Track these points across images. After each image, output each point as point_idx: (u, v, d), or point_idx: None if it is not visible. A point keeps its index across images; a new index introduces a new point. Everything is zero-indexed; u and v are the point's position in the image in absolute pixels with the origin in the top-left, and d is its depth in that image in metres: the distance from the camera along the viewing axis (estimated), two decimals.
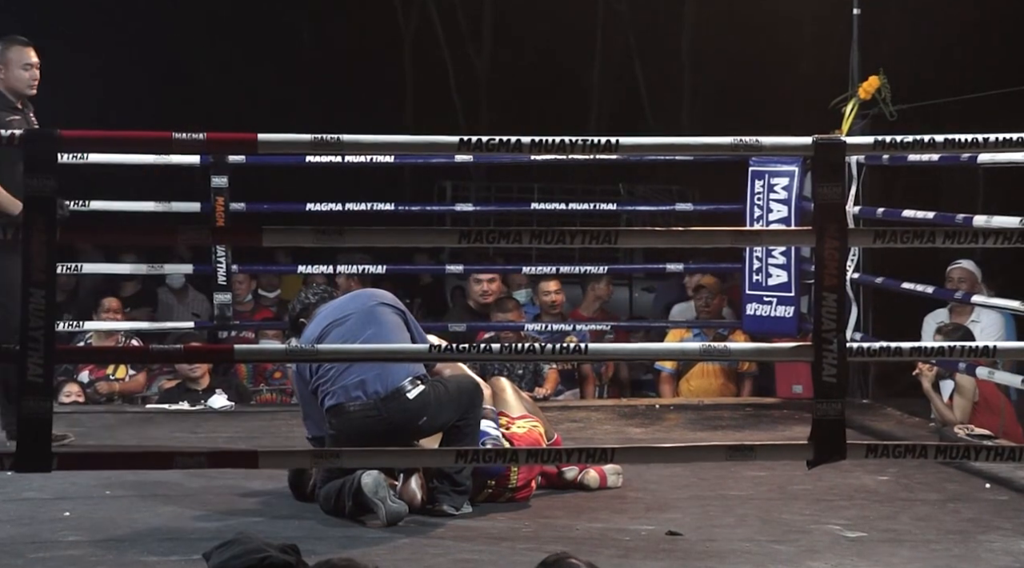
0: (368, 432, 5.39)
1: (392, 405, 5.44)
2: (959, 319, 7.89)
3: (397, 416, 5.44)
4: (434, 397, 5.49)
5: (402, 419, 5.45)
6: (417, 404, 5.45)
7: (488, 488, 5.64)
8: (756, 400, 8.65)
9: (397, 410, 5.44)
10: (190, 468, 4.90)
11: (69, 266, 8.36)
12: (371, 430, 5.40)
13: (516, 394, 6.06)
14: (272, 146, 4.91)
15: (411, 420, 5.47)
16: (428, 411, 5.47)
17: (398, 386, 5.44)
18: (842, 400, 4.63)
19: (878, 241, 4.86)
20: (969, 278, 8.09)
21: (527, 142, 4.68)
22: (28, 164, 4.42)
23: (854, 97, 8.22)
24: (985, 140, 4.79)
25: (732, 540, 5.17)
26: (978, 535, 5.25)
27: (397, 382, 5.44)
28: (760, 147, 4.80)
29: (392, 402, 5.44)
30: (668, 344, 8.61)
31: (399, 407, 5.44)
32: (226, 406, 8.12)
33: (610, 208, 10.24)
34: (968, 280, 8.06)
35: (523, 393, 6.33)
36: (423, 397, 5.47)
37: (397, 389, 5.44)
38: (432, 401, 5.48)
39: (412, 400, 5.45)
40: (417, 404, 5.45)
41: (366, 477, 5.28)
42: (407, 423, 5.47)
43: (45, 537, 5.10)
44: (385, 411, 5.43)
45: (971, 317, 7.92)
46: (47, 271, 4.38)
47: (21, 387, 4.41)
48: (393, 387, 5.44)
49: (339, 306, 5.72)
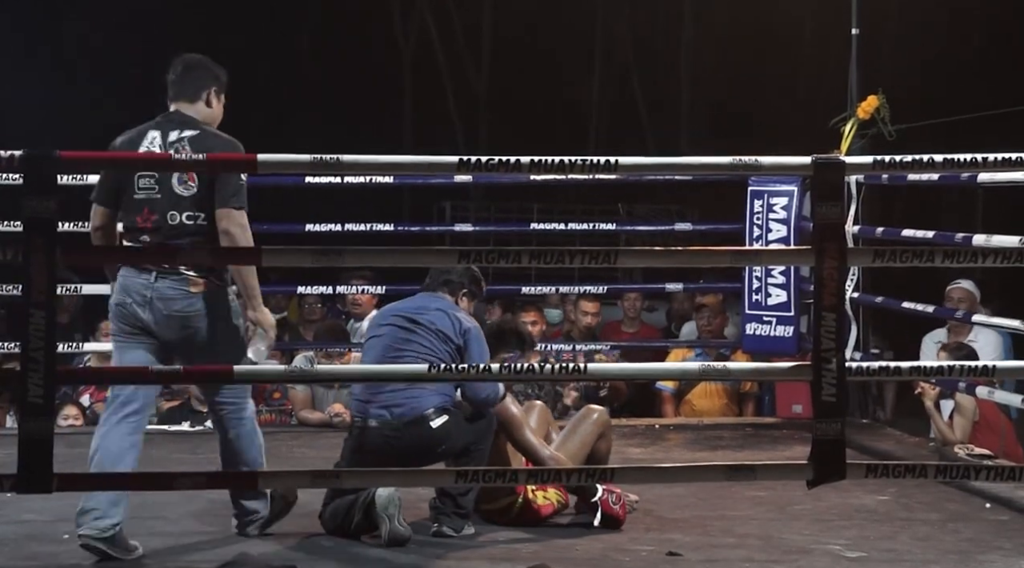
0: (385, 452, 5.46)
1: (414, 431, 5.48)
2: (957, 338, 7.89)
3: (417, 442, 5.48)
4: (455, 426, 5.53)
5: (421, 446, 5.50)
6: (440, 433, 5.50)
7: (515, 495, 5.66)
8: (756, 420, 8.65)
9: (417, 437, 5.49)
10: (190, 489, 4.90)
11: (68, 287, 8.36)
12: (389, 451, 5.47)
13: (542, 423, 5.98)
14: (271, 166, 4.92)
15: (431, 448, 5.52)
16: (448, 440, 5.52)
17: (423, 414, 5.49)
18: (842, 420, 4.63)
19: (877, 260, 4.86)
20: (968, 298, 8.11)
21: (526, 162, 4.68)
22: (28, 185, 4.42)
23: (853, 117, 8.23)
24: (984, 159, 4.79)
25: (732, 561, 5.16)
26: (978, 555, 5.25)
27: (423, 409, 5.49)
28: (759, 167, 4.80)
29: (414, 428, 5.49)
30: (668, 364, 8.60)
31: (420, 433, 5.49)
32: None
33: (609, 228, 10.25)
34: (968, 300, 8.08)
35: (554, 422, 6.21)
36: (445, 427, 5.51)
37: (422, 416, 5.49)
38: (452, 431, 5.52)
39: (435, 429, 5.49)
40: (440, 433, 5.50)
41: (382, 490, 5.31)
42: (426, 451, 5.52)
43: (44, 560, 5.09)
44: (407, 436, 5.48)
45: (969, 336, 7.93)
46: (47, 292, 4.39)
47: (22, 408, 4.41)
48: (418, 414, 5.49)
49: (383, 314, 5.83)
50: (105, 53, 18.97)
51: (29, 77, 16.42)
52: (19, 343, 4.44)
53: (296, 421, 8.42)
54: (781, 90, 19.55)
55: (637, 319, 9.96)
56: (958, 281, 8.23)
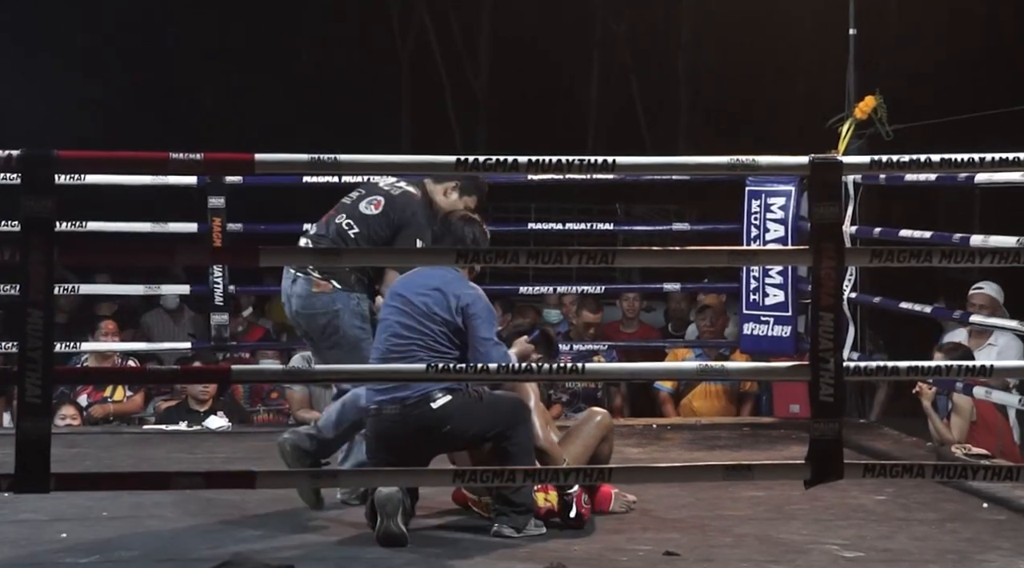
0: (395, 437, 5.41)
1: (415, 412, 5.40)
2: (978, 340, 7.85)
3: (419, 423, 5.40)
4: (463, 407, 5.43)
5: (424, 427, 5.40)
6: (441, 413, 5.40)
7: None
8: (754, 420, 8.66)
9: (419, 418, 5.40)
10: (187, 489, 4.90)
11: (65, 287, 8.36)
12: (397, 435, 5.41)
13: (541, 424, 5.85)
14: (269, 166, 4.91)
15: (434, 428, 5.41)
16: (453, 421, 5.41)
17: (426, 393, 5.41)
18: (839, 420, 4.63)
19: (875, 260, 4.86)
20: (991, 303, 7.99)
21: (524, 161, 4.68)
22: (26, 185, 4.42)
23: (850, 117, 8.23)
24: (982, 160, 4.79)
25: (730, 560, 5.16)
26: (976, 555, 5.25)
27: (427, 389, 5.41)
28: (757, 167, 4.80)
29: (416, 409, 5.41)
30: (666, 364, 8.61)
31: (421, 414, 5.40)
32: (223, 426, 8.12)
33: (607, 228, 10.25)
34: (990, 306, 7.97)
35: (553, 423, 6.12)
36: (447, 406, 5.40)
37: (425, 396, 5.41)
38: (457, 411, 5.41)
39: (435, 409, 5.40)
40: (441, 413, 5.40)
41: (383, 488, 5.28)
42: (430, 431, 5.41)
43: (42, 559, 5.09)
44: (409, 417, 5.40)
45: (989, 340, 7.87)
46: (45, 291, 4.39)
47: (20, 408, 4.41)
48: (421, 394, 5.41)
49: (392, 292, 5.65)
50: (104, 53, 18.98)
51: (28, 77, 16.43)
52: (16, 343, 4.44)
53: (294, 421, 8.42)
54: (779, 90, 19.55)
55: (636, 319, 9.97)
56: (980, 285, 8.13)
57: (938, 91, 16.62)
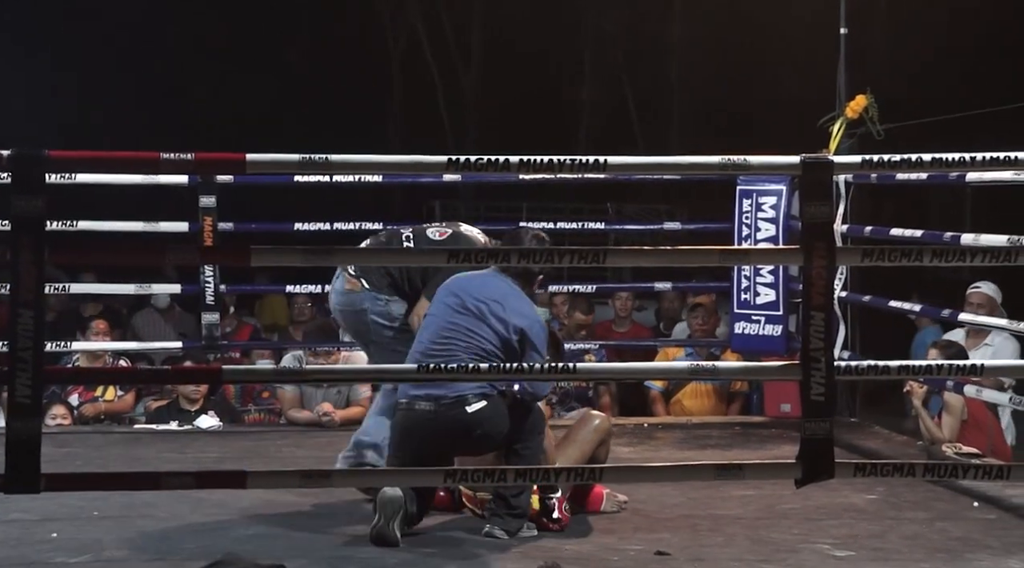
0: (424, 433, 5.41)
1: (450, 413, 5.41)
2: (975, 340, 7.86)
3: (452, 425, 5.41)
4: (495, 413, 5.44)
5: (456, 429, 5.41)
6: (475, 417, 5.41)
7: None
8: (744, 419, 8.66)
9: (453, 419, 5.41)
10: (178, 488, 4.89)
11: (57, 286, 8.35)
12: (427, 431, 5.41)
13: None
14: (260, 166, 4.91)
15: (466, 431, 5.43)
16: (484, 426, 5.42)
17: (462, 395, 5.41)
18: (830, 419, 4.63)
19: (866, 259, 4.86)
20: (988, 303, 7.98)
21: (515, 161, 4.68)
22: (16, 184, 4.42)
23: (841, 116, 8.24)
24: (973, 159, 4.80)
25: (721, 560, 5.16)
26: (966, 554, 5.25)
27: (462, 390, 5.41)
28: (748, 166, 4.81)
29: (451, 410, 5.41)
30: (657, 363, 8.61)
31: (455, 416, 5.41)
32: (214, 426, 8.10)
33: (598, 227, 10.25)
34: (987, 305, 7.95)
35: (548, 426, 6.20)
36: (483, 412, 5.41)
37: (460, 398, 5.41)
38: (490, 416, 5.43)
39: (470, 414, 5.41)
40: (475, 417, 5.41)
41: (388, 488, 5.28)
42: (462, 434, 5.43)
43: (33, 559, 5.08)
44: (442, 417, 5.41)
45: (985, 340, 7.87)
46: (35, 291, 4.38)
47: (10, 408, 4.40)
48: (457, 395, 5.41)
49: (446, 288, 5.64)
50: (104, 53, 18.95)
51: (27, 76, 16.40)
52: (7, 342, 4.43)
53: (285, 420, 8.41)
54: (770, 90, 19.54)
55: (628, 319, 9.97)
56: (978, 285, 8.12)
57: (930, 90, 16.63)
